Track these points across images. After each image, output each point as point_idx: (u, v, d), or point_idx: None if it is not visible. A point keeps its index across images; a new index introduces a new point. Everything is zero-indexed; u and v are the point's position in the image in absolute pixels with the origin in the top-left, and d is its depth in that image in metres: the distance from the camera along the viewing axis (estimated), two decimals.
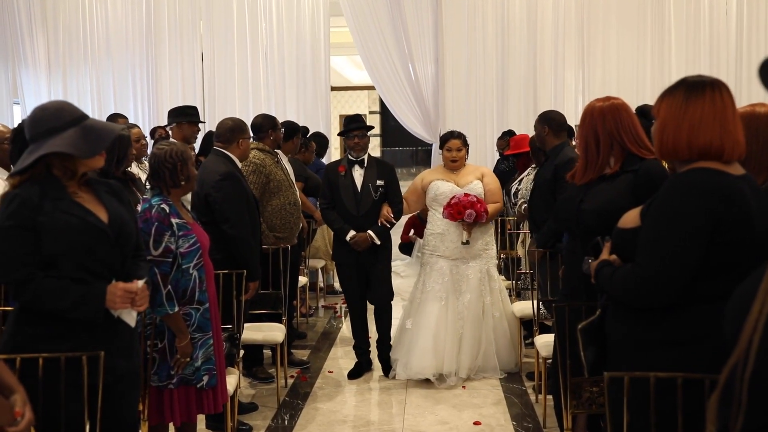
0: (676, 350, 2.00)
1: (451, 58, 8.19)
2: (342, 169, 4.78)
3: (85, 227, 2.24)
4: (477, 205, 4.59)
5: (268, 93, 8.43)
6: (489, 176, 4.93)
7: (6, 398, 1.70)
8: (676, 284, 1.96)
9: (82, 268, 2.24)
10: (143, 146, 4.83)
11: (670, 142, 2.03)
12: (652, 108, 2.14)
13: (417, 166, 17.94)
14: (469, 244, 4.71)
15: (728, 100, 2.01)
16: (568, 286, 3.06)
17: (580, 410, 2.97)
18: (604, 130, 2.76)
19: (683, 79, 2.08)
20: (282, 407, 4.37)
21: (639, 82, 8.06)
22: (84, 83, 8.55)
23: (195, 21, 8.47)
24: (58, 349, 2.24)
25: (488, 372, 4.78)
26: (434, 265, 4.80)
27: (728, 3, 8.07)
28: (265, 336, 4.41)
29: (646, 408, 2.01)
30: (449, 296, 4.76)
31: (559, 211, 3.21)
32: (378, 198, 4.74)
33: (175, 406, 2.92)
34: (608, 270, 2.15)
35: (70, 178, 2.27)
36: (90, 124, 2.26)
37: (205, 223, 3.83)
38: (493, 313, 4.82)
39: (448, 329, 4.73)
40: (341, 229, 4.73)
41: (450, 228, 4.74)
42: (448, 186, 4.79)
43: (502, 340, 4.87)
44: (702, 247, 1.93)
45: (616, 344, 2.18)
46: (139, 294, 2.30)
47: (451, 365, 4.68)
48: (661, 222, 1.98)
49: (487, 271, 4.83)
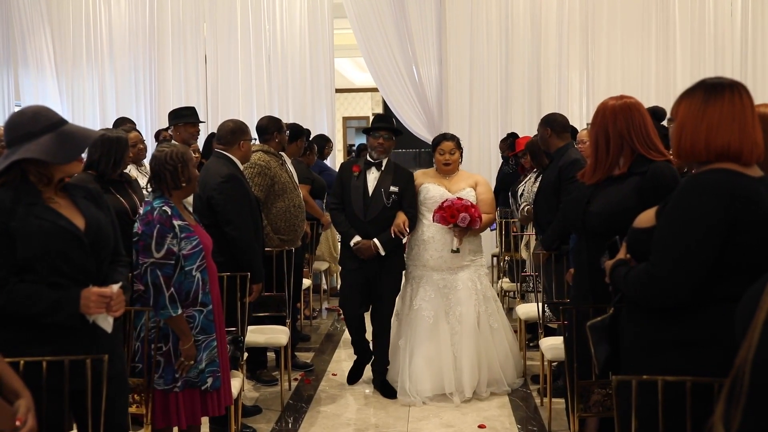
0: (690, 351, 1.98)
1: (455, 60, 8.18)
2: (356, 169, 4.49)
3: (58, 232, 2.22)
4: (471, 209, 4.28)
5: (272, 95, 8.43)
6: (483, 186, 4.58)
7: (10, 403, 1.68)
8: (690, 284, 1.94)
9: (57, 273, 2.22)
10: (141, 150, 4.81)
11: (688, 143, 2.01)
12: (671, 109, 2.12)
13: (420, 168, 17.91)
14: (459, 252, 4.38)
15: (747, 102, 2.00)
16: (576, 288, 3.03)
17: (588, 414, 2.95)
18: (615, 130, 2.73)
19: (702, 80, 2.07)
20: (286, 410, 4.36)
21: (643, 83, 8.04)
22: (87, 85, 8.56)
23: (198, 23, 8.48)
24: (35, 355, 2.21)
25: (494, 386, 4.48)
26: (420, 279, 4.49)
27: (733, 4, 8.05)
28: (268, 339, 4.39)
29: (657, 411, 1.99)
30: (438, 312, 4.42)
31: (567, 212, 3.19)
32: (390, 205, 4.39)
33: (181, 409, 2.92)
34: (623, 269, 2.14)
35: (46, 184, 2.26)
36: (67, 130, 2.24)
37: (207, 225, 3.82)
38: (490, 324, 4.50)
39: (441, 348, 4.39)
40: (346, 233, 4.45)
41: (436, 235, 4.41)
42: (439, 190, 4.47)
43: (505, 352, 4.57)
44: (716, 248, 1.91)
45: (629, 345, 2.16)
46: (114, 299, 2.26)
47: (451, 385, 4.37)
48: (675, 222, 1.96)
49: (478, 278, 4.51)
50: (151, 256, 2.79)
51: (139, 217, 2.90)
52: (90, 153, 3.64)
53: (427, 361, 4.39)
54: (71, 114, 8.52)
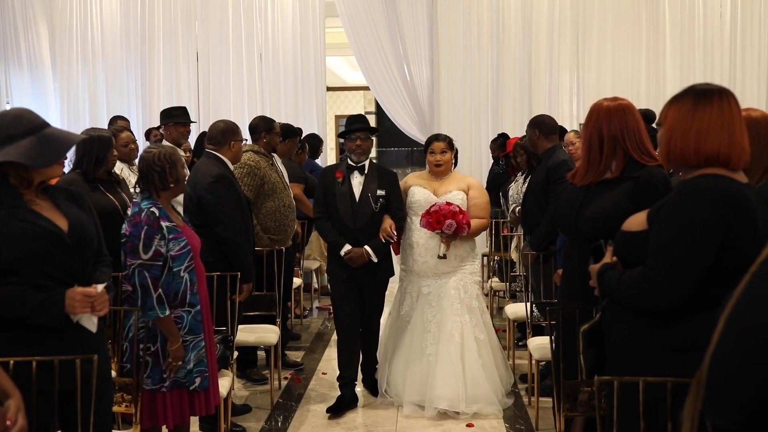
0: (683, 356, 1.98)
1: (446, 59, 8.20)
2: (340, 175, 4.29)
3: (40, 233, 2.23)
4: (459, 216, 4.09)
5: (264, 93, 8.42)
6: (477, 189, 4.39)
7: (0, 403, 1.69)
8: (687, 288, 1.95)
9: (41, 274, 2.23)
10: (132, 150, 4.80)
11: (677, 148, 2.03)
12: (660, 113, 2.14)
13: (413, 167, 17.97)
14: (446, 258, 4.21)
15: (735, 108, 2.03)
16: (565, 290, 3.04)
17: (574, 413, 2.99)
18: (608, 132, 2.71)
19: (692, 86, 2.09)
20: (276, 409, 4.38)
21: (634, 84, 8.07)
22: (77, 84, 8.51)
23: (190, 21, 8.46)
24: (22, 356, 2.22)
25: (479, 403, 4.18)
26: (408, 284, 4.41)
27: (722, 5, 8.09)
28: (258, 337, 4.41)
29: (642, 413, 2.02)
30: (416, 319, 4.31)
31: (557, 215, 3.19)
32: (378, 210, 4.24)
33: (168, 408, 2.92)
34: (613, 273, 2.13)
35: (27, 187, 2.27)
36: (48, 133, 2.25)
37: (198, 225, 3.84)
38: (475, 335, 4.27)
39: (421, 355, 4.26)
40: (335, 242, 4.26)
41: (420, 241, 4.27)
42: (424, 193, 4.32)
43: (491, 367, 4.31)
44: (713, 251, 1.92)
45: (616, 348, 2.17)
46: (98, 299, 2.28)
47: (422, 393, 4.20)
48: (672, 225, 1.97)
49: (464, 287, 4.30)
50: (139, 257, 2.80)
51: (127, 218, 2.91)
52: (75, 153, 3.67)
53: (405, 368, 4.32)
54: (63, 112, 8.49)
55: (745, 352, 1.26)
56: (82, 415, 2.30)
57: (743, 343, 1.27)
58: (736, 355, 1.28)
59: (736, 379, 1.27)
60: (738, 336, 1.28)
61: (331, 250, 4.39)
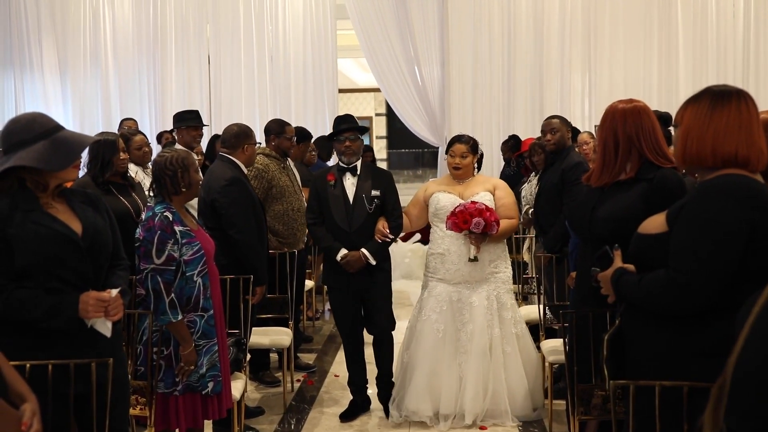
0: (701, 361, 1.96)
1: (457, 60, 8.19)
2: (331, 178, 4.13)
3: (55, 237, 2.23)
4: (486, 213, 3.89)
5: (275, 96, 8.45)
6: (503, 189, 4.19)
7: (16, 407, 1.70)
8: (714, 290, 1.92)
9: (55, 278, 2.24)
10: (146, 153, 4.82)
11: (694, 149, 2.02)
12: (676, 115, 2.13)
13: (423, 168, 17.96)
14: (477, 260, 3.99)
15: (753, 110, 2.01)
16: (579, 292, 3.02)
17: (588, 416, 2.97)
18: (624, 134, 2.69)
19: (708, 87, 2.07)
20: (288, 411, 4.38)
21: (646, 85, 8.03)
22: (90, 88, 8.56)
23: (201, 24, 8.50)
24: (35, 359, 2.22)
25: (498, 418, 4.03)
26: (433, 289, 4.11)
27: (735, 6, 8.04)
28: (271, 340, 4.42)
29: (667, 416, 2.00)
30: (447, 327, 4.06)
31: (572, 216, 3.17)
32: (373, 211, 4.07)
33: (180, 412, 2.93)
34: (632, 277, 2.10)
35: (43, 191, 2.28)
36: (61, 136, 2.26)
37: (211, 228, 3.85)
38: (503, 348, 4.07)
39: (445, 366, 4.05)
40: (331, 247, 4.06)
41: (452, 248, 4.05)
42: (450, 198, 4.11)
43: (517, 380, 4.10)
44: (739, 251, 1.90)
45: (641, 353, 2.13)
46: (112, 303, 2.28)
47: (449, 407, 4.03)
48: (696, 227, 1.94)
49: (497, 297, 4.09)
50: (152, 262, 2.81)
51: (141, 222, 2.92)
52: (87, 157, 3.71)
53: (428, 376, 4.07)
54: (76, 116, 8.55)
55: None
56: (97, 419, 2.31)
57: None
58: (761, 362, 1.26)
59: (761, 387, 1.25)
60: (764, 343, 1.27)
61: (326, 256, 4.21)
